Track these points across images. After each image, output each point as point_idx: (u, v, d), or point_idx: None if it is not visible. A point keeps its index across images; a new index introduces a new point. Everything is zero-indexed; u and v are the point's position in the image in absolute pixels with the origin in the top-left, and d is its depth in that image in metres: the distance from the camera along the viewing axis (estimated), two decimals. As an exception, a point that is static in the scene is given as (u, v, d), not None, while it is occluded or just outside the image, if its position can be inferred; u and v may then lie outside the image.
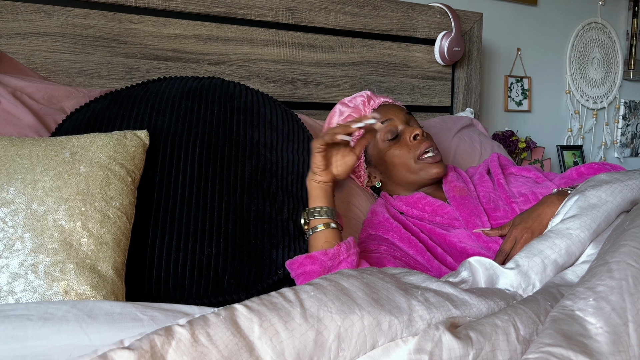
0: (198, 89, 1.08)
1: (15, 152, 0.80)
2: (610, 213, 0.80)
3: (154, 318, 0.57)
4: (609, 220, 0.79)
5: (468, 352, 0.51)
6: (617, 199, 0.81)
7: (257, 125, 1.08)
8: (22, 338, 0.52)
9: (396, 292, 0.57)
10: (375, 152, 1.20)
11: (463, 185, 1.15)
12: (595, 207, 0.80)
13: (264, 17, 1.40)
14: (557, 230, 0.78)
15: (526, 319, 0.57)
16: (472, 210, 1.08)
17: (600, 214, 0.79)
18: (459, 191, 1.13)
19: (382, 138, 1.17)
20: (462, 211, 1.08)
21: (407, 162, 1.14)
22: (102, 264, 0.75)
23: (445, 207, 1.11)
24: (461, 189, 1.14)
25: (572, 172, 1.16)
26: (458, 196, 1.11)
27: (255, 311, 0.50)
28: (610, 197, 0.81)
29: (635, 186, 0.83)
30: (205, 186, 0.95)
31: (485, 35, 1.98)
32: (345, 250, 0.92)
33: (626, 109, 2.65)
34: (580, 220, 0.78)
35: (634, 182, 0.83)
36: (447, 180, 1.17)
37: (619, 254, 0.59)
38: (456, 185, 1.15)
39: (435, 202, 1.13)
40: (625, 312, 0.52)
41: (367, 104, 1.23)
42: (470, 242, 1.04)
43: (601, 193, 0.82)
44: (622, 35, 2.62)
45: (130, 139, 0.89)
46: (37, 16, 1.15)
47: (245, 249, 0.94)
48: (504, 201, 1.12)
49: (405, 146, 1.15)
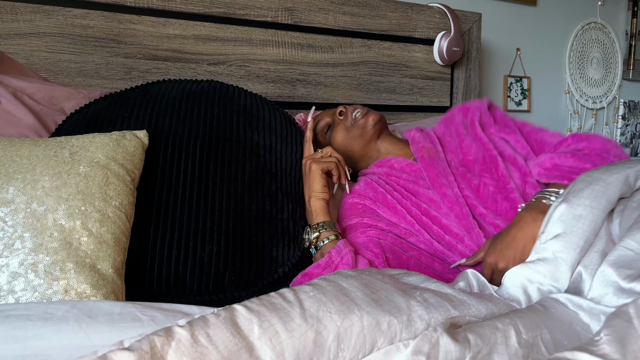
0: (198, 91, 1.09)
1: (15, 152, 0.80)
2: (597, 221, 0.76)
3: (153, 318, 0.57)
4: (595, 230, 0.76)
5: (465, 354, 0.51)
6: (603, 202, 0.76)
7: (257, 127, 1.08)
8: (22, 338, 0.52)
9: (395, 293, 0.58)
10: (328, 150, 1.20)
11: (431, 146, 1.14)
12: (581, 218, 0.76)
13: (263, 17, 1.40)
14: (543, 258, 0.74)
15: (529, 322, 0.57)
16: (440, 171, 1.07)
17: (586, 226, 0.75)
18: (427, 152, 1.12)
19: (322, 138, 1.22)
20: (430, 171, 1.07)
21: (346, 135, 1.18)
22: (101, 263, 0.75)
23: (413, 165, 1.11)
24: (429, 149, 1.13)
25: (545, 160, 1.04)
26: (427, 157, 1.11)
27: (254, 312, 0.50)
28: (595, 202, 0.76)
29: (619, 182, 0.78)
30: (205, 185, 0.96)
31: (484, 35, 1.98)
32: (337, 254, 0.93)
33: (625, 109, 2.65)
34: (564, 241, 0.74)
35: (616, 177, 0.79)
36: (414, 141, 1.17)
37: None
38: (424, 146, 1.14)
39: (403, 161, 1.13)
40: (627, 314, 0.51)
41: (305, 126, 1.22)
42: (434, 206, 1.03)
43: (585, 200, 0.77)
44: (622, 35, 2.63)
45: (130, 139, 0.89)
46: (36, 16, 1.15)
47: (246, 247, 0.94)
48: (475, 172, 1.08)
49: (337, 124, 1.20)
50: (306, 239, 1.02)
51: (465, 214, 1.00)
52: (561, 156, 1.03)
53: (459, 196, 1.03)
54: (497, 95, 2.21)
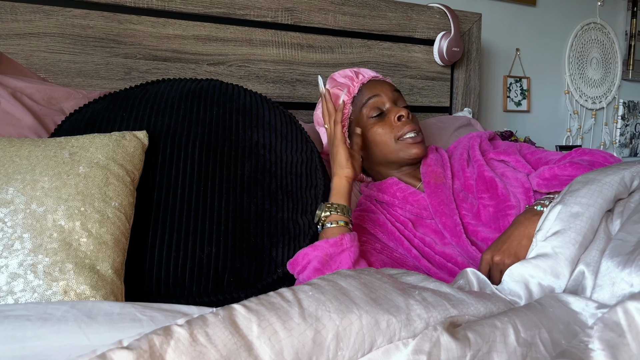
0: (197, 90, 1.09)
1: (15, 153, 0.80)
2: (594, 219, 0.76)
3: (153, 318, 0.57)
4: (593, 227, 0.76)
5: (465, 353, 0.51)
6: (599, 200, 0.77)
7: (256, 126, 1.08)
8: (21, 338, 0.52)
9: (394, 292, 0.58)
10: (360, 127, 1.20)
11: (440, 171, 1.14)
12: (578, 215, 0.77)
13: (263, 17, 1.40)
14: (543, 254, 0.75)
15: (527, 321, 0.57)
16: (442, 199, 1.07)
17: (584, 223, 0.76)
18: (434, 177, 1.12)
19: (367, 115, 1.18)
20: (433, 199, 1.08)
21: (387, 141, 1.15)
22: (101, 264, 0.75)
23: (417, 194, 1.11)
24: (437, 175, 1.13)
25: (545, 171, 1.07)
26: (433, 183, 1.11)
27: (253, 311, 0.50)
28: (592, 200, 0.77)
29: (614, 182, 0.79)
30: (205, 185, 0.96)
31: (484, 36, 1.98)
32: (350, 240, 0.92)
33: (625, 109, 2.65)
34: (563, 237, 0.75)
35: (611, 178, 0.80)
36: (425, 163, 1.17)
37: None
38: (434, 170, 1.14)
39: (407, 189, 1.13)
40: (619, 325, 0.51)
41: (356, 79, 1.23)
42: (437, 239, 1.04)
43: (581, 199, 0.78)
44: (621, 36, 2.63)
45: (129, 140, 0.89)
46: (36, 17, 1.15)
47: (245, 248, 0.94)
48: (474, 195, 1.10)
49: (389, 125, 1.15)
50: (317, 214, 1.01)
51: (463, 243, 1.01)
52: (560, 166, 1.05)
53: (458, 224, 1.03)
54: (496, 96, 2.21)
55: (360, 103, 1.19)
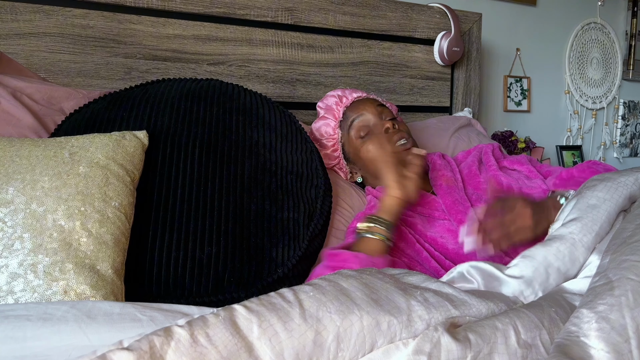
0: (197, 90, 1.09)
1: (15, 153, 0.80)
2: (610, 212, 0.78)
3: (153, 318, 0.57)
4: (610, 220, 0.78)
5: (466, 354, 0.51)
6: (615, 196, 0.79)
7: (256, 125, 1.08)
8: (21, 338, 0.52)
9: (395, 293, 0.57)
10: (352, 150, 1.21)
11: (450, 175, 1.14)
12: (595, 207, 0.78)
13: (263, 17, 1.40)
14: (560, 236, 0.76)
15: (528, 322, 0.57)
16: (456, 199, 1.07)
17: (600, 214, 0.77)
18: (445, 180, 1.12)
19: (355, 136, 1.19)
20: (447, 199, 1.07)
21: (382, 152, 1.12)
22: (101, 264, 0.75)
23: (427, 196, 1.10)
24: (448, 178, 1.13)
25: (562, 172, 1.13)
26: (444, 185, 1.10)
27: (254, 311, 0.50)
28: (608, 195, 0.80)
29: (629, 182, 0.81)
30: (205, 185, 0.95)
31: (484, 36, 1.98)
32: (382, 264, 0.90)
33: (625, 109, 2.65)
34: (581, 223, 0.77)
35: (626, 178, 0.82)
36: (434, 168, 1.16)
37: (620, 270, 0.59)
38: (444, 174, 1.14)
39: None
40: (625, 329, 0.51)
41: (340, 103, 1.24)
42: (450, 238, 1.03)
43: (598, 192, 0.80)
44: (621, 36, 2.63)
45: (129, 140, 0.89)
46: (36, 16, 1.15)
47: (245, 248, 0.94)
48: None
49: (377, 137, 1.16)
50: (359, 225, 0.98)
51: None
52: (578, 169, 1.10)
53: None
54: (497, 96, 2.21)
55: (347, 126, 1.21)
